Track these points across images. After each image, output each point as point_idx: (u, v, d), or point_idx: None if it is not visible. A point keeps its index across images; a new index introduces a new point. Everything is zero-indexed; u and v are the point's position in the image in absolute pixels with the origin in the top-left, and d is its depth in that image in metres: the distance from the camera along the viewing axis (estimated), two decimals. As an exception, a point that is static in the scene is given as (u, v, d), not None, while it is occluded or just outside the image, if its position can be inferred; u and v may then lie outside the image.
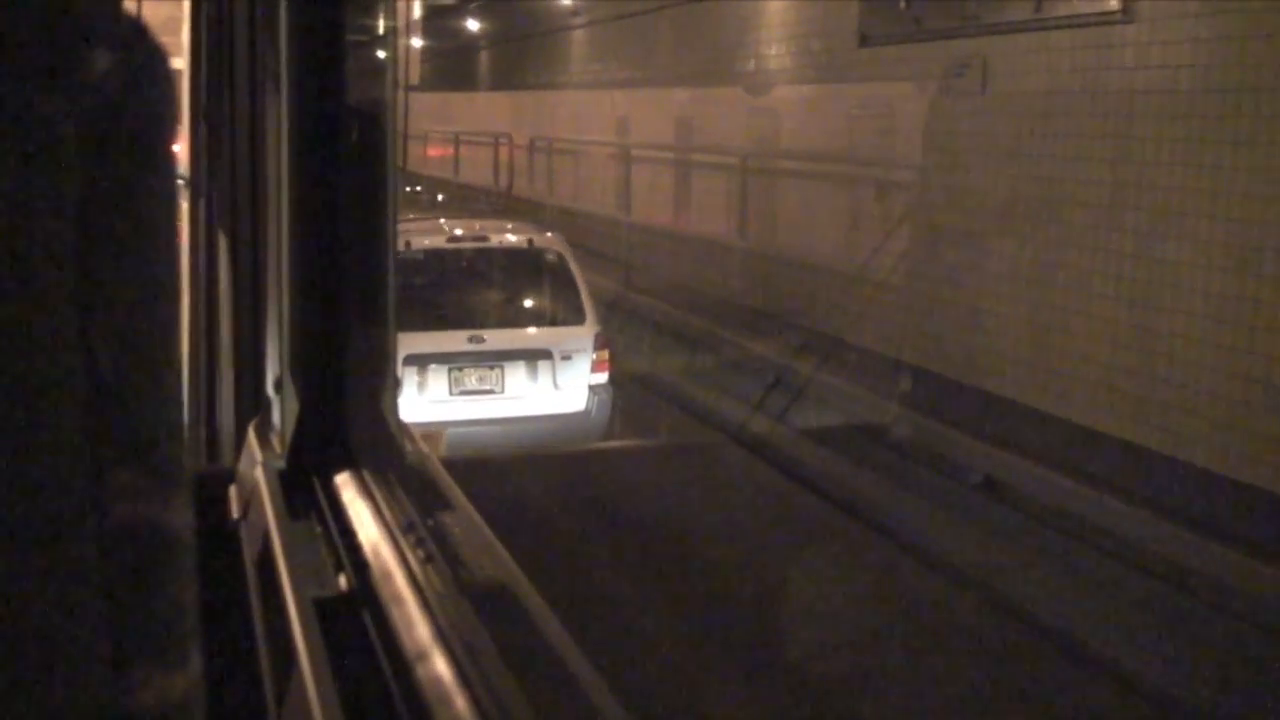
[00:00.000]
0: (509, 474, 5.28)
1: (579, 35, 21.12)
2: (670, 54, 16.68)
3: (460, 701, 1.37)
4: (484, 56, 28.60)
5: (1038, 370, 8.57)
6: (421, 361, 7.41)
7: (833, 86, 11.98)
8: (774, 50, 13.47)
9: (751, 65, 14.07)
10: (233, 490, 2.39)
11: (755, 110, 14.10)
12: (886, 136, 11.01)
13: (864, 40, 10.97)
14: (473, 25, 27.77)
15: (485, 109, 26.57)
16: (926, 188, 10.24)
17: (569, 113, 20.70)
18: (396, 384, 2.49)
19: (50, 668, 0.63)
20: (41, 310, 0.60)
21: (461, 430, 7.33)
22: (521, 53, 24.69)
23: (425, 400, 7.41)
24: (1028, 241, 8.71)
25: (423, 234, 8.18)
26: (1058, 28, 8.33)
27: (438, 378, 7.55)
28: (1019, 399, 8.58)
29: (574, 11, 21.15)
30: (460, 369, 7.61)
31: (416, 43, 29.20)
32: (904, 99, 10.62)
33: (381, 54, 2.83)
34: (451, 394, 7.60)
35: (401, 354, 6.55)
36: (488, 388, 7.68)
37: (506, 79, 25.90)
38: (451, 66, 31.08)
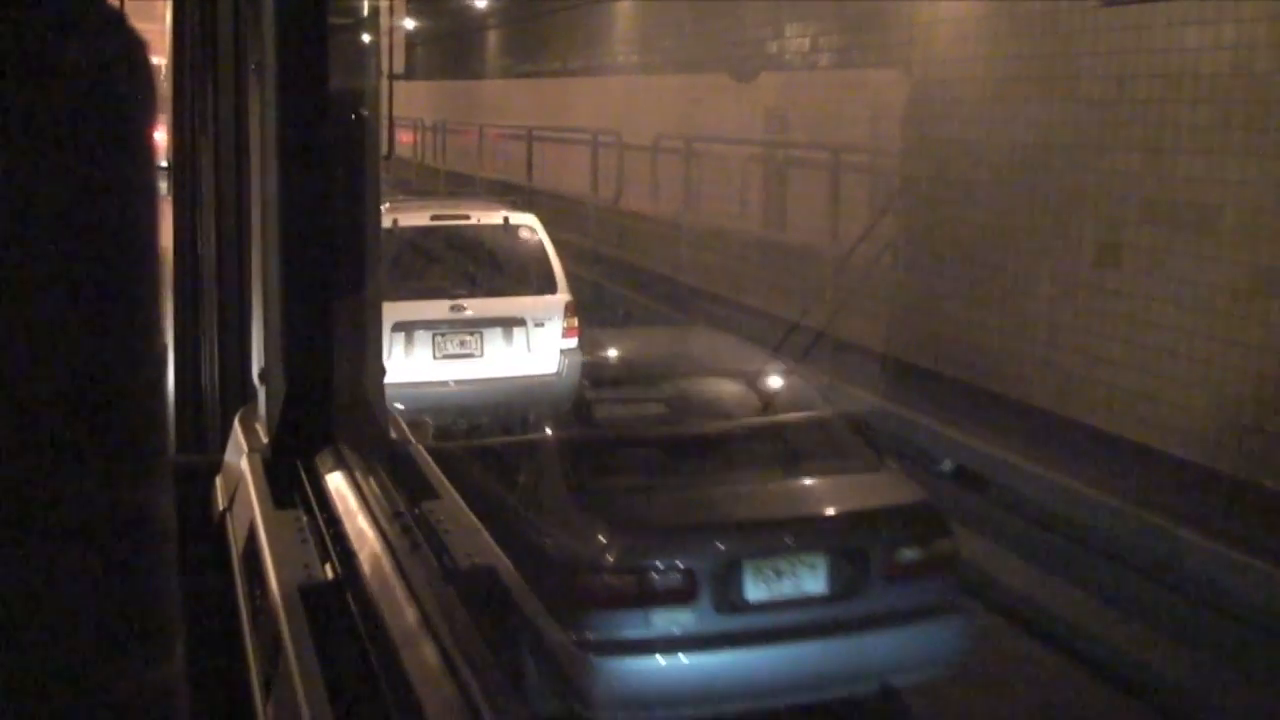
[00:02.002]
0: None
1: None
2: (805, 24, 12.27)
3: (446, 687, 1.38)
4: (558, 35, 21.52)
5: None
6: (408, 328, 8.14)
7: (1059, 61, 8.22)
8: (956, 13, 9.45)
9: (913, 34, 10.08)
10: (219, 480, 2.39)
11: (923, 97, 9.80)
12: (1160, 129, 7.34)
13: (1113, -5, 7.57)
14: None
15: (562, 98, 20.19)
16: (1254, 211, 6.71)
17: (686, 102, 14.93)
18: (382, 373, 2.49)
19: (34, 656, 0.63)
20: (22, 300, 0.60)
21: (444, 390, 8.11)
22: (608, 28, 18.58)
23: (411, 363, 8.09)
24: None
25: (409, 213, 8.95)
26: None
27: (423, 343, 8.27)
28: None
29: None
30: (443, 335, 8.32)
31: (418, 26, 26.80)
32: (1195, 78, 7.04)
33: (367, 39, 2.83)
34: (435, 358, 8.29)
35: (390, 322, 7.48)
36: (468, 352, 8.38)
37: (585, 62, 19.70)
38: (513, 49, 24.27)
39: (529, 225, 8.84)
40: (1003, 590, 6.28)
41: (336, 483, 2.08)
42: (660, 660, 4.49)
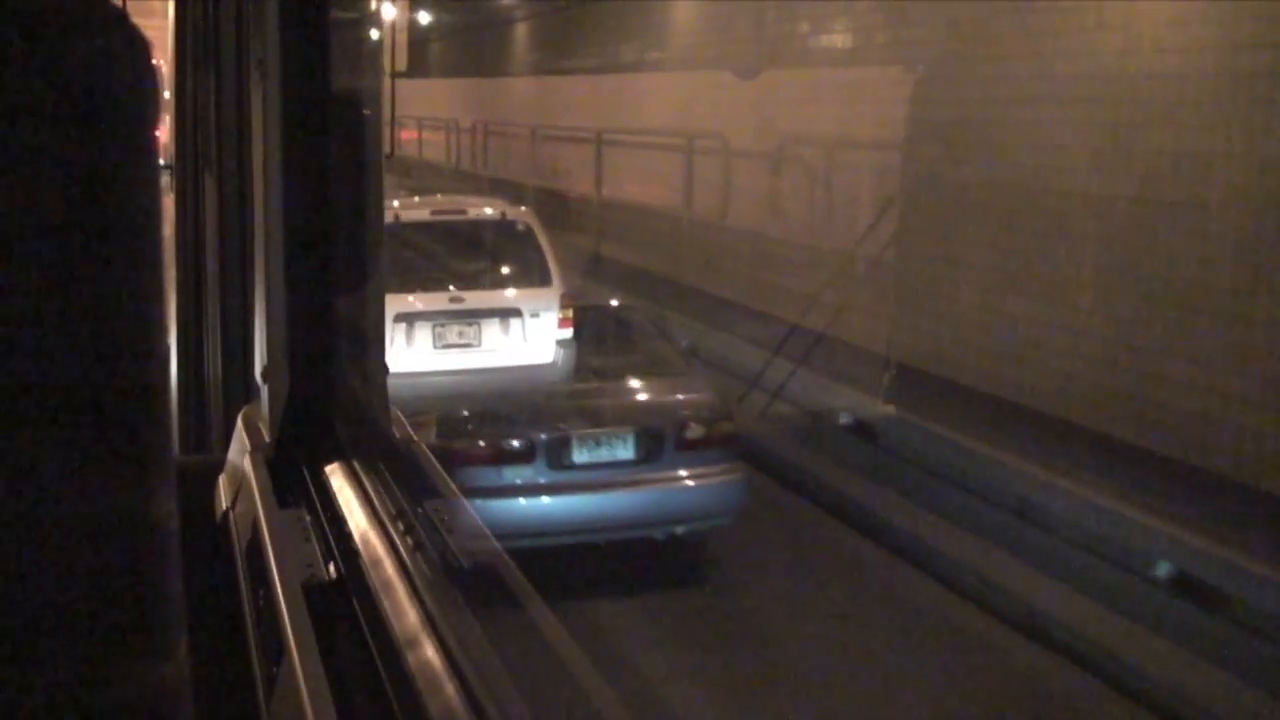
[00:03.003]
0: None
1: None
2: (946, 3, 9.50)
3: (450, 687, 1.37)
4: (626, 24, 17.39)
5: None
6: (409, 319, 8.54)
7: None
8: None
9: (1105, 16, 7.73)
10: (222, 479, 2.39)
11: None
12: None
13: None
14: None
15: (631, 97, 16.46)
16: None
17: (792, 101, 12.05)
18: (385, 371, 2.49)
19: (37, 656, 0.63)
20: (24, 300, 0.60)
21: (444, 379, 8.52)
22: (690, 17, 15.08)
23: (412, 353, 8.49)
24: None
25: (410, 208, 9.44)
26: None
27: (423, 333, 8.64)
28: None
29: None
30: (443, 325, 8.70)
31: (449, 19, 25.27)
32: None
33: (371, 37, 2.82)
34: (435, 348, 8.67)
35: (391, 313, 8.10)
36: (466, 342, 8.77)
37: (660, 55, 15.83)
38: (562, 41, 20.29)
39: (525, 220, 9.21)
40: None
41: (340, 481, 2.08)
42: (514, 501, 6.52)
